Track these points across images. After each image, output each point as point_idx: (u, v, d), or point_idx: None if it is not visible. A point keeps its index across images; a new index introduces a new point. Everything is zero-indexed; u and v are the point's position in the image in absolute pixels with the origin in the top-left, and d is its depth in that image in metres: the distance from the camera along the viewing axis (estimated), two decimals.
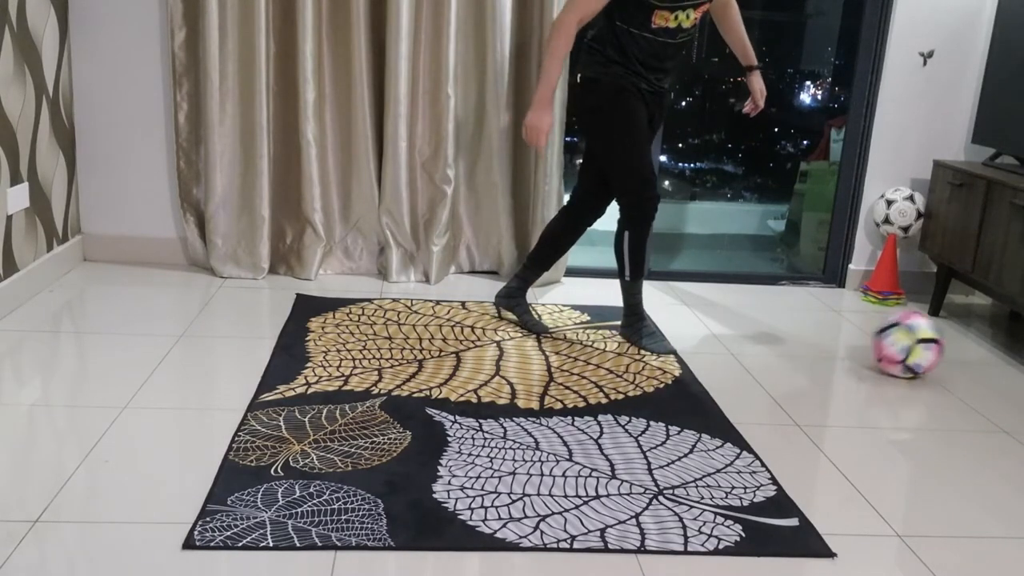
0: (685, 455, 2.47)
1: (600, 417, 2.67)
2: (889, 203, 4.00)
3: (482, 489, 2.22)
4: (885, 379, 3.16)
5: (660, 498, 2.23)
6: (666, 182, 5.59)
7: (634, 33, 2.97)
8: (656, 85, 3.09)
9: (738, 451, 2.51)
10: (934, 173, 3.92)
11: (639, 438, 2.55)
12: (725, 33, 3.31)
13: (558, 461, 2.38)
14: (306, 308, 3.45)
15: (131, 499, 2.09)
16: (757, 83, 3.30)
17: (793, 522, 2.16)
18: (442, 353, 3.09)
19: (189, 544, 1.92)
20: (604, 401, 2.79)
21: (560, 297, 3.82)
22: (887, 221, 4.00)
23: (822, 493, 2.33)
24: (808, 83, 5.62)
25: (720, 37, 3.35)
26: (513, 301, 3.41)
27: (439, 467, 2.31)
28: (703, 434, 2.61)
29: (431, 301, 3.63)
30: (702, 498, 2.25)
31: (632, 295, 3.30)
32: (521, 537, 2.03)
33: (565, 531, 2.06)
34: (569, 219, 3.33)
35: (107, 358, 2.88)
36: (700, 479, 2.34)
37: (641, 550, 2.01)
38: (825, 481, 2.40)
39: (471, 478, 2.27)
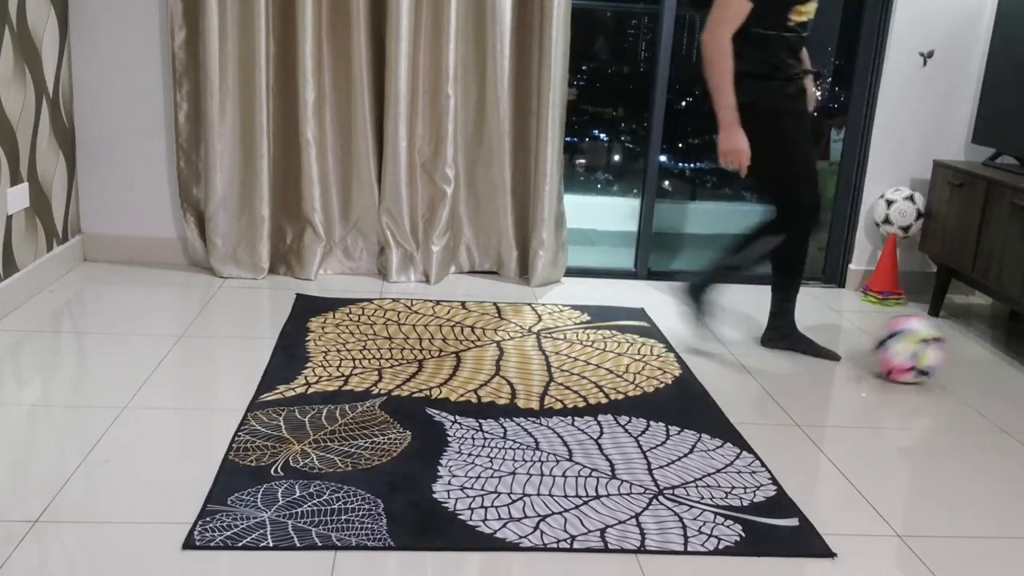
0: (685, 455, 2.47)
1: (600, 417, 2.67)
2: (889, 203, 4.00)
3: (482, 489, 2.22)
4: (885, 379, 3.16)
5: (660, 498, 2.23)
6: (666, 182, 5.58)
7: (771, 35, 2.94)
8: (801, 83, 3.06)
9: (738, 451, 2.51)
10: (934, 173, 3.92)
11: (639, 438, 2.55)
12: None
13: (558, 461, 2.38)
14: (306, 308, 3.45)
15: (131, 499, 2.09)
16: (812, 87, 3.25)
17: (793, 522, 2.16)
18: (442, 353, 3.09)
19: (189, 544, 1.92)
20: (604, 401, 2.79)
21: (560, 297, 3.82)
22: (887, 221, 4.00)
23: (822, 493, 2.33)
24: None
25: None
26: (791, 338, 3.35)
27: (439, 467, 2.31)
28: (703, 434, 2.61)
29: (431, 301, 3.63)
30: (702, 498, 2.25)
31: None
32: (521, 537, 2.03)
33: (565, 531, 2.06)
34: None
35: (107, 358, 2.88)
36: (700, 479, 2.34)
37: (641, 550, 2.01)
38: (825, 481, 2.40)
39: (471, 478, 2.27)
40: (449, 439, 2.47)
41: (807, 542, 2.09)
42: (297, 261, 3.86)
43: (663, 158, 4.60)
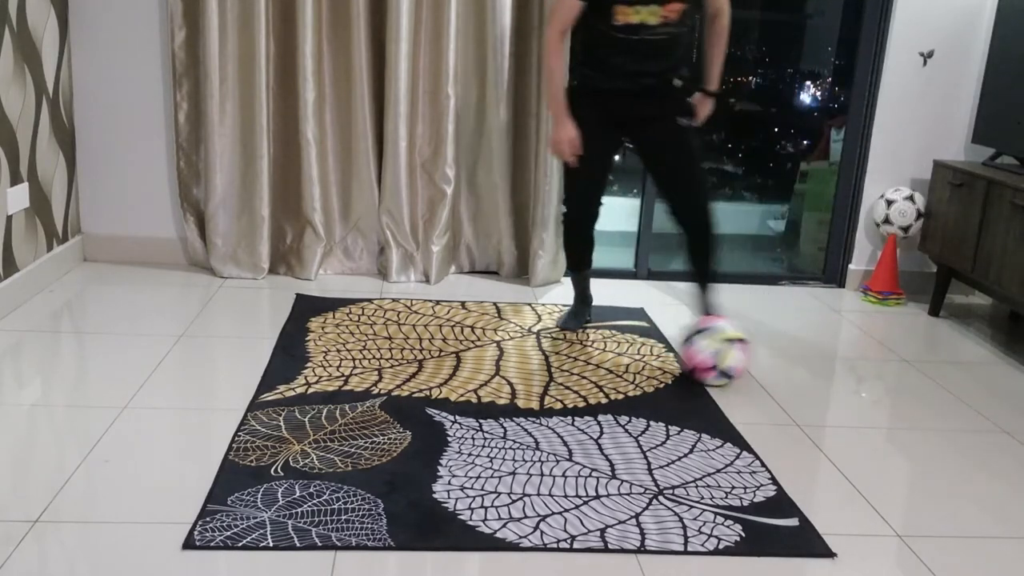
0: (685, 455, 2.47)
1: (600, 417, 2.67)
2: (889, 203, 4.00)
3: (482, 489, 2.22)
4: (885, 379, 3.17)
5: (660, 498, 2.23)
6: None
7: (602, 30, 2.96)
8: (637, 83, 3.01)
9: (738, 451, 2.51)
10: (934, 173, 3.92)
11: (639, 438, 2.55)
12: (704, 45, 3.16)
13: (558, 461, 2.38)
14: (306, 308, 3.45)
15: (131, 499, 2.09)
16: (704, 108, 3.17)
17: (793, 522, 2.16)
18: (442, 353, 3.09)
19: (189, 544, 1.92)
20: (604, 401, 2.79)
21: (560, 297, 3.82)
22: (887, 221, 4.00)
23: (822, 493, 2.33)
24: (808, 83, 5.62)
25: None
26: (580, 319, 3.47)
27: (439, 467, 2.31)
28: (703, 434, 2.61)
29: (431, 301, 3.63)
30: (702, 498, 2.25)
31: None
32: (521, 537, 2.02)
33: (565, 531, 2.06)
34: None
35: (107, 358, 2.88)
36: (700, 479, 2.34)
37: (641, 550, 2.01)
38: (825, 481, 2.40)
39: (471, 478, 2.27)
40: (449, 439, 2.47)
41: (807, 542, 2.09)
42: (297, 261, 3.86)
43: None
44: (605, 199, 3.37)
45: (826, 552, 2.06)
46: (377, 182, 3.86)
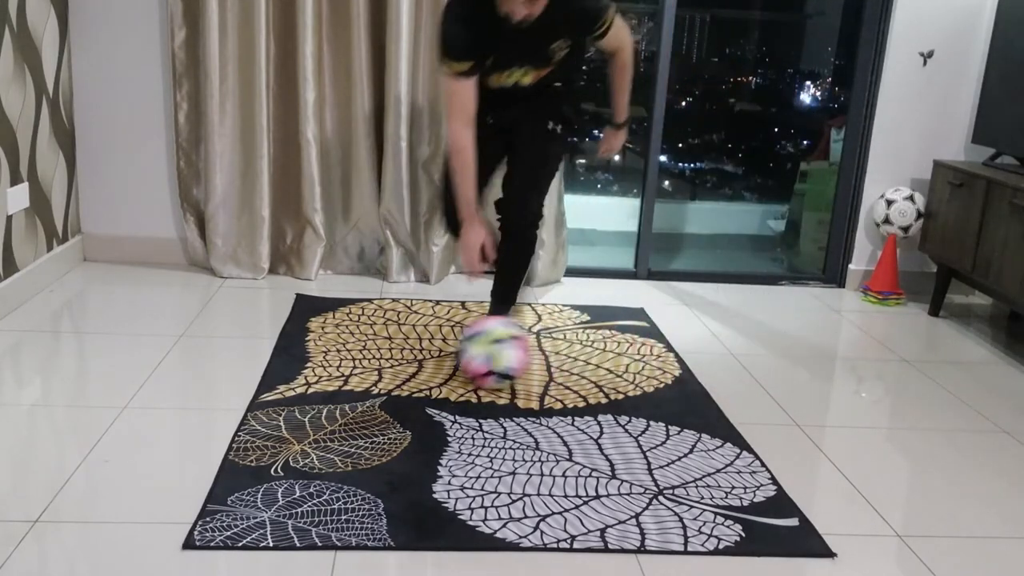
0: (685, 455, 2.47)
1: (600, 417, 2.67)
2: (889, 203, 4.00)
3: (482, 489, 2.22)
4: (885, 379, 3.17)
5: (660, 498, 2.23)
6: (666, 182, 5.59)
7: (483, 91, 2.78)
8: (509, 112, 2.89)
9: (738, 451, 2.51)
10: (934, 173, 3.92)
11: (639, 438, 2.55)
12: (609, 79, 3.04)
13: (558, 461, 2.38)
14: (306, 308, 3.44)
15: (131, 499, 2.09)
16: (614, 140, 3.12)
17: (793, 522, 2.16)
18: (442, 353, 3.09)
19: (189, 544, 1.92)
20: (604, 401, 2.79)
21: (560, 297, 3.82)
22: (887, 221, 4.00)
23: (822, 493, 2.33)
24: (808, 83, 5.62)
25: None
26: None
27: (439, 467, 2.31)
28: (703, 434, 2.61)
29: (431, 301, 3.63)
30: (702, 498, 2.25)
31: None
32: (521, 537, 2.03)
33: (565, 531, 2.06)
34: None
35: (107, 358, 2.88)
36: (700, 479, 2.34)
37: (641, 550, 2.01)
38: (825, 481, 2.40)
39: (471, 478, 2.27)
40: (449, 439, 2.47)
41: (807, 542, 2.09)
42: (297, 261, 3.86)
43: (663, 158, 4.61)
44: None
45: (826, 552, 2.06)
46: (377, 182, 3.85)
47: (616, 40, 2.86)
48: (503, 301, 3.12)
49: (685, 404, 2.80)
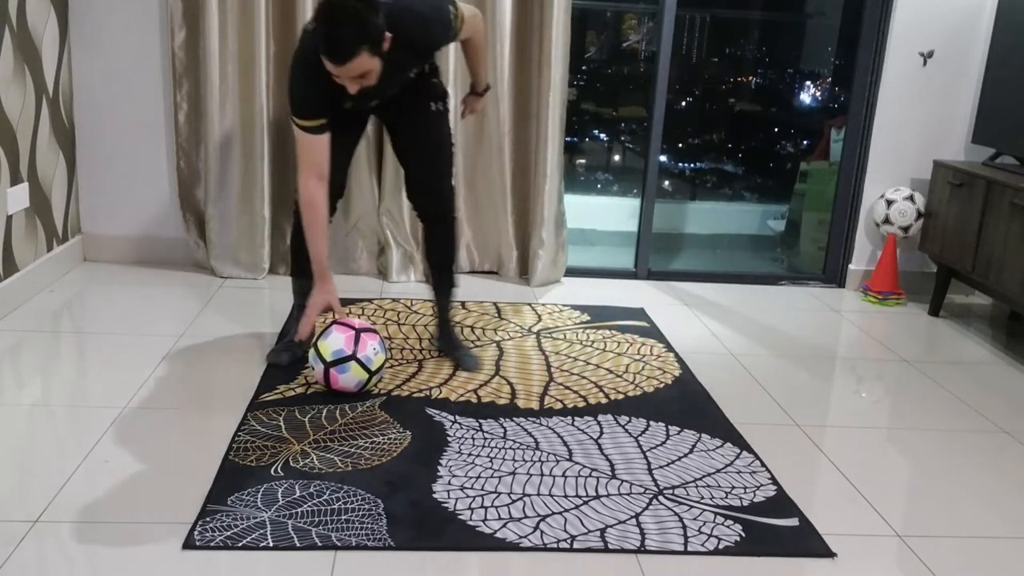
0: (685, 455, 2.47)
1: (600, 417, 2.67)
2: (889, 203, 4.00)
3: (482, 489, 2.22)
4: (885, 379, 3.17)
5: (660, 498, 2.23)
6: (666, 182, 5.59)
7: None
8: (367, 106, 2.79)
9: (738, 451, 2.51)
10: (934, 173, 3.92)
11: (639, 438, 2.55)
12: (466, 59, 2.99)
13: (558, 461, 2.38)
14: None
15: (131, 499, 2.09)
16: (475, 104, 3.07)
17: (793, 522, 2.16)
18: (442, 353, 3.09)
19: (189, 544, 1.92)
20: (604, 401, 2.79)
21: (560, 297, 3.82)
22: (887, 221, 4.00)
23: (822, 493, 2.33)
24: (808, 83, 5.63)
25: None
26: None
27: (439, 467, 2.31)
28: (703, 434, 2.61)
29: (431, 301, 3.62)
30: (702, 498, 2.25)
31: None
32: (521, 537, 2.03)
33: (565, 531, 2.06)
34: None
35: (107, 358, 2.88)
36: (700, 479, 2.34)
37: (641, 550, 2.01)
38: (825, 481, 2.40)
39: (471, 478, 2.27)
40: (449, 439, 2.47)
41: (807, 542, 2.09)
42: None
43: (663, 158, 4.61)
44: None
45: (826, 552, 2.06)
46: (377, 182, 3.85)
47: (470, 30, 2.76)
48: (447, 287, 3.05)
49: (685, 404, 2.80)
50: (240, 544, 1.93)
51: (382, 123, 2.91)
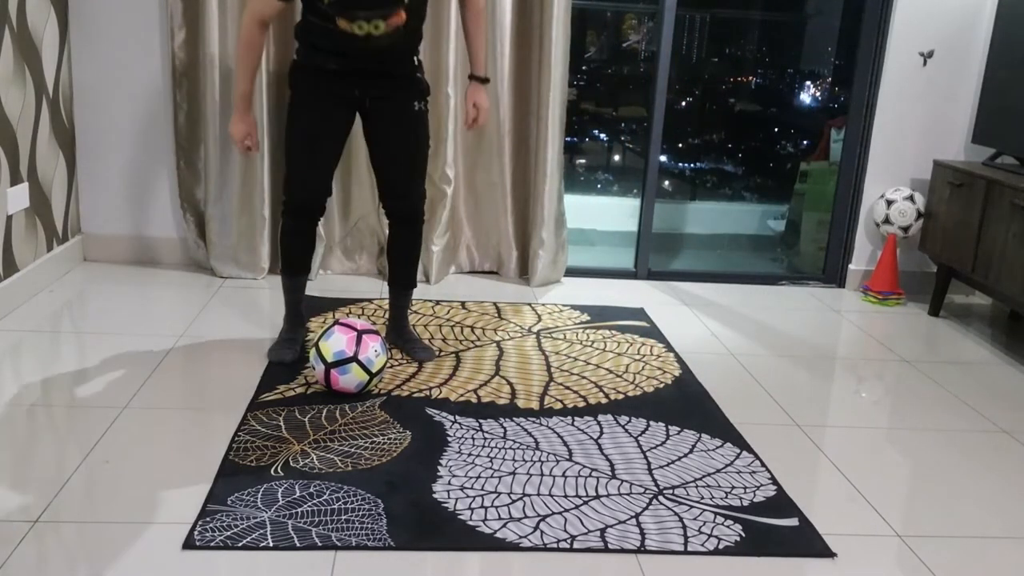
0: (685, 455, 2.47)
1: (600, 417, 2.67)
2: (889, 203, 4.00)
3: (482, 489, 2.22)
4: (885, 379, 3.17)
5: (660, 498, 2.23)
6: (666, 182, 5.59)
7: (328, 27, 2.61)
8: (357, 64, 2.74)
9: (738, 451, 2.51)
10: (934, 173, 3.92)
11: (639, 438, 2.55)
12: (465, 30, 2.96)
13: (558, 461, 2.38)
14: (306, 308, 3.44)
15: (131, 499, 2.09)
16: (476, 96, 2.96)
17: (793, 522, 2.16)
18: (442, 353, 3.09)
19: (189, 544, 1.92)
20: (604, 401, 2.79)
21: (560, 297, 3.82)
22: (887, 221, 4.00)
23: (822, 493, 2.33)
24: (808, 83, 5.62)
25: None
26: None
27: (439, 467, 2.31)
28: (703, 434, 2.61)
29: (431, 301, 3.63)
30: (702, 498, 2.25)
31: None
32: (521, 537, 2.03)
33: (565, 531, 2.06)
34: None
35: (107, 358, 2.88)
36: (700, 479, 2.34)
37: (641, 550, 2.01)
38: (825, 481, 2.40)
39: (471, 478, 2.27)
40: (449, 439, 2.47)
41: (807, 542, 2.09)
42: None
43: (663, 158, 4.61)
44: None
45: (826, 552, 2.06)
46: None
47: None
48: (406, 286, 3.05)
49: (685, 404, 2.80)
50: (240, 544, 1.93)
51: (363, 121, 2.89)
